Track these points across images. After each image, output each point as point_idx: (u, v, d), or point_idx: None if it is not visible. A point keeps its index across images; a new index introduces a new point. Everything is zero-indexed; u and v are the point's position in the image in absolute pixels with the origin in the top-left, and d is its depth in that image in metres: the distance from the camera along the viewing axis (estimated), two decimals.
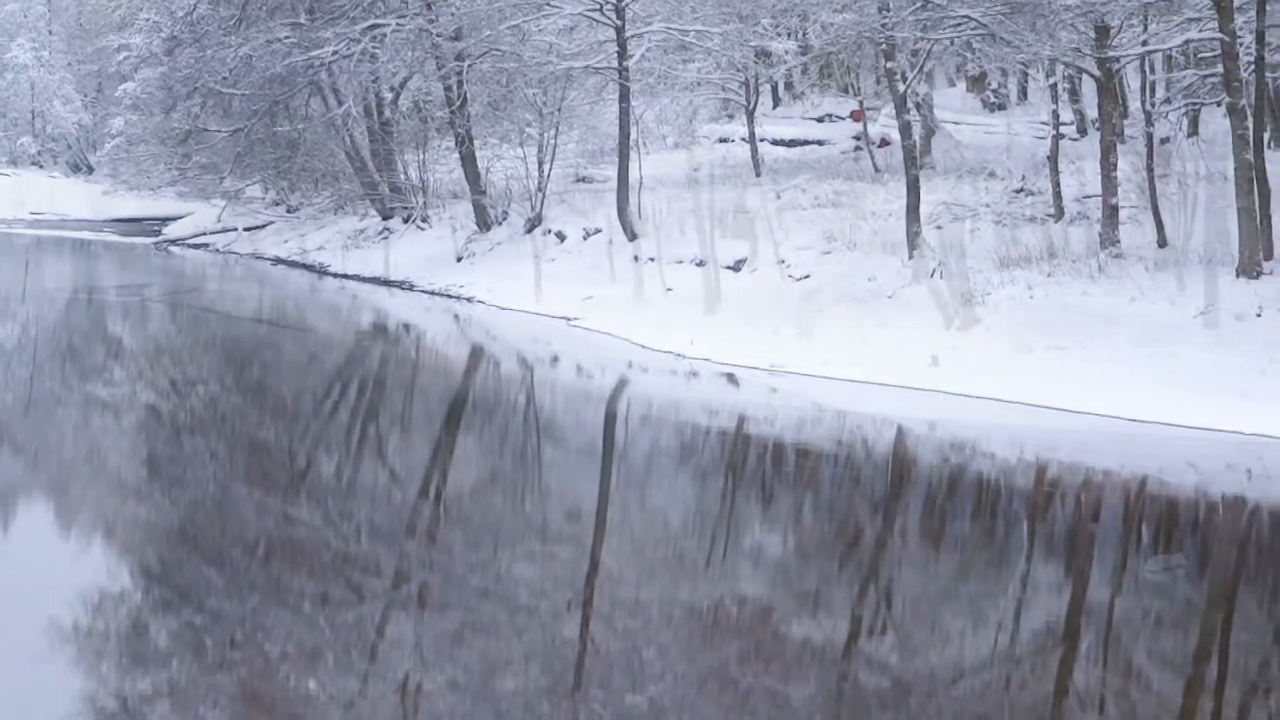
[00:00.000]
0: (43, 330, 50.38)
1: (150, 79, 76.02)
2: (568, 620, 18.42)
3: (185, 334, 51.04)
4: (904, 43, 45.06)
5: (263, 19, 60.00)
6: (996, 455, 29.17)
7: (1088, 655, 18.23)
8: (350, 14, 55.75)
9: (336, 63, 57.56)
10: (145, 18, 77.65)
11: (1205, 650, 18.40)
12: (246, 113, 64.42)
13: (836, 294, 41.44)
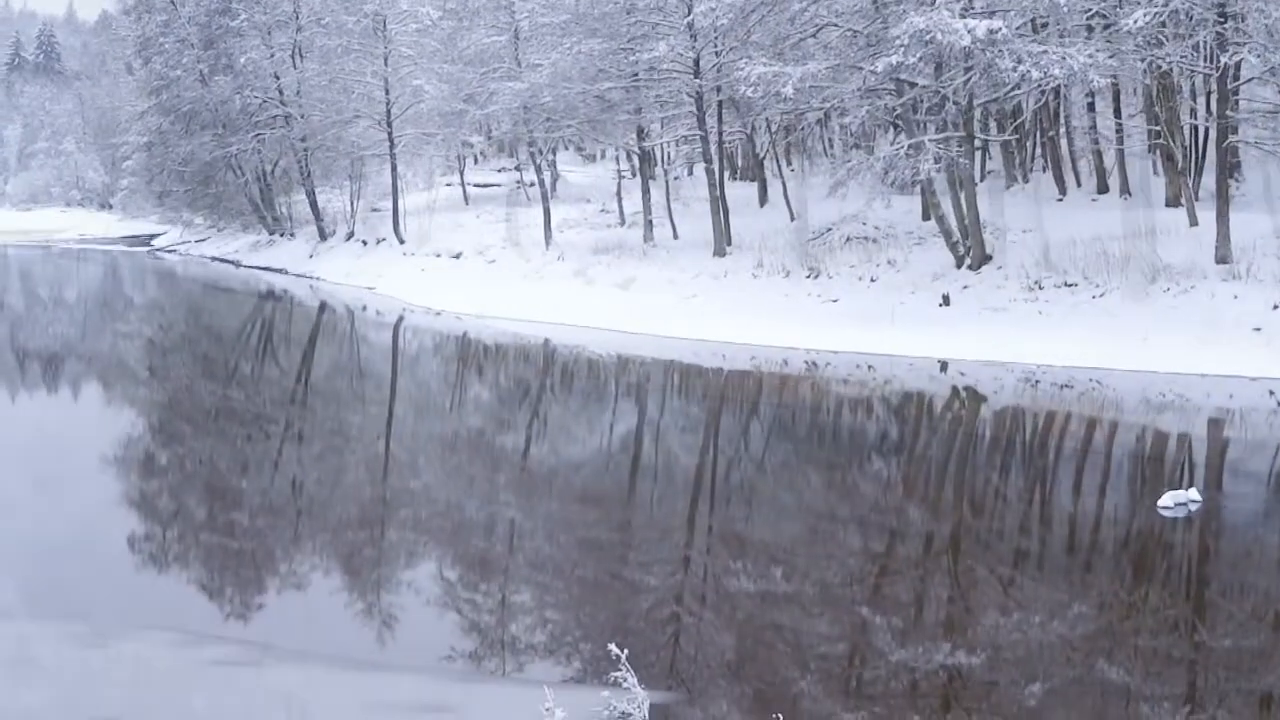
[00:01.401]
0: (103, 270, 71.13)
1: (140, 159, 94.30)
2: (375, 433, 30.67)
3: (164, 278, 71.41)
4: (543, 133, 61.82)
5: (198, 131, 78.01)
6: (583, 345, 42.79)
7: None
8: (245, 128, 74.20)
9: (239, 153, 76.39)
10: (136, 130, 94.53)
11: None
12: (194, 178, 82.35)
13: (510, 272, 57.27)
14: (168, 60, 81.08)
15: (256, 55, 74.14)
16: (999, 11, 38.49)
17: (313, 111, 72.94)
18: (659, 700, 12.81)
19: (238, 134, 76.12)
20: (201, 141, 78.88)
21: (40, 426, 32.50)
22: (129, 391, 38.64)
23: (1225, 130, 38.85)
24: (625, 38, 52.17)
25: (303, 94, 73.29)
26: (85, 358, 45.64)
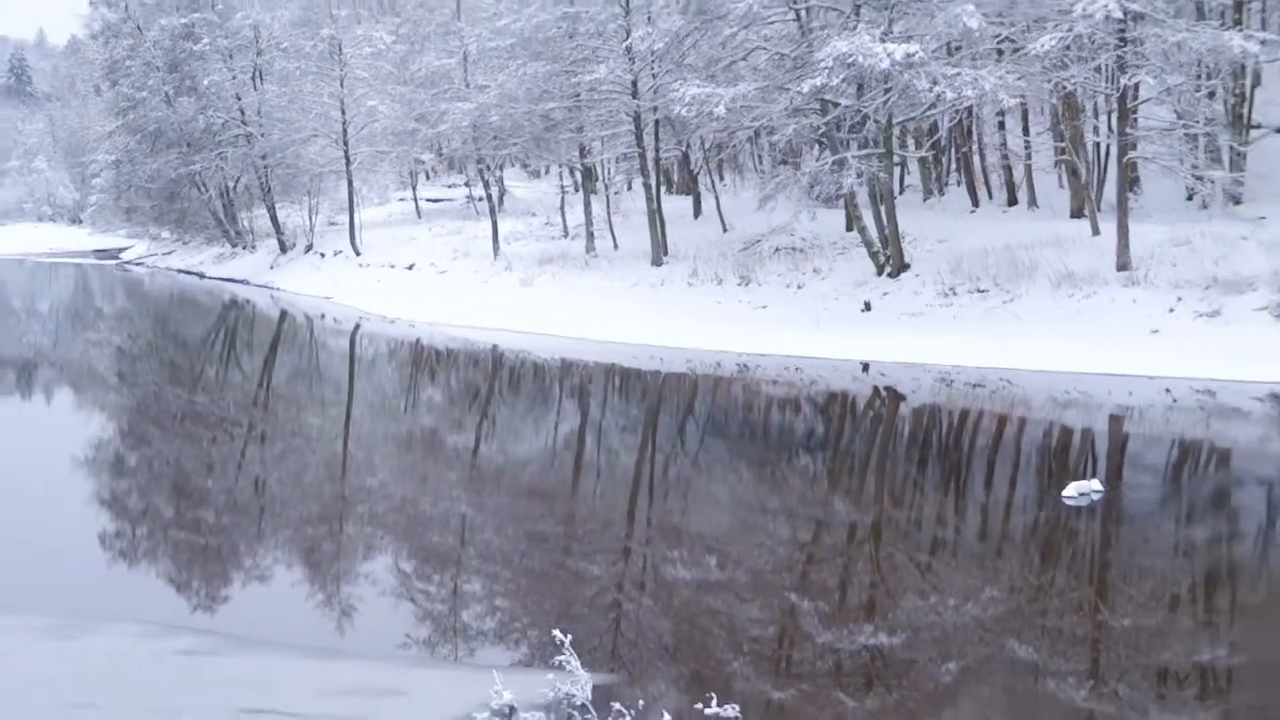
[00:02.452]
0: (74, 282, 69.52)
1: (109, 176, 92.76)
2: (333, 435, 30.57)
3: (131, 289, 70.23)
4: (491, 151, 61.27)
5: (164, 150, 77.14)
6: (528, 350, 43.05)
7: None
8: (208, 146, 73.64)
9: (203, 170, 75.57)
10: (105, 149, 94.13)
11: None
12: (160, 195, 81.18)
13: (460, 282, 57.12)
14: (134, 82, 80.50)
15: (219, 78, 73.80)
16: (915, 36, 38.62)
17: (272, 130, 72.73)
18: (601, 682, 12.89)
19: (201, 152, 75.71)
20: (167, 159, 78.42)
21: (12, 428, 32.46)
22: (98, 395, 38.44)
23: (1125, 147, 39.23)
24: (567, 61, 52.25)
25: (263, 114, 72.93)
26: (56, 364, 45.49)
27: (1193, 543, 19.71)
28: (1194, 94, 41.06)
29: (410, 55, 69.97)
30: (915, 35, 38.50)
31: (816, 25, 41.35)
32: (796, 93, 40.18)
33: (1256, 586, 17.54)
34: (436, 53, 66.03)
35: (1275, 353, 30.57)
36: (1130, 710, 12.95)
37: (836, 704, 13.20)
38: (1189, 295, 34.55)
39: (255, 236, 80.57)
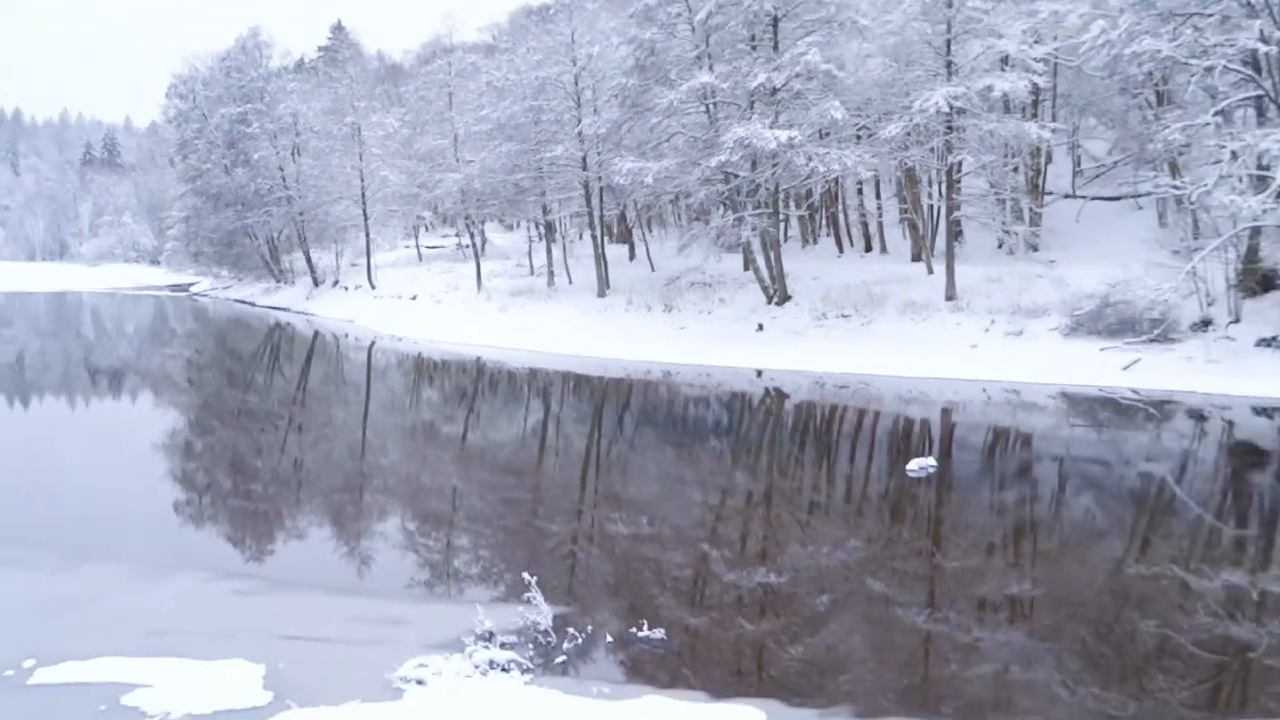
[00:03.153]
0: (154, 309, 66.10)
1: (180, 228, 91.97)
2: (355, 426, 30.68)
3: (198, 315, 68.16)
4: (475, 210, 61.13)
5: (223, 208, 76.55)
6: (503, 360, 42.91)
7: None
8: (257, 206, 72.95)
9: (253, 224, 75.26)
10: (177, 207, 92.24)
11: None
12: (220, 243, 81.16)
13: (451, 309, 55.97)
14: (200, 157, 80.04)
15: (266, 153, 73.05)
16: (795, 124, 38.94)
17: (307, 193, 72.13)
18: (559, 612, 12.95)
19: (252, 210, 75.12)
20: (225, 216, 77.98)
21: (108, 418, 31.77)
22: (173, 394, 37.85)
23: (951, 208, 39.88)
24: (533, 142, 52.26)
25: (300, 181, 72.25)
26: (142, 370, 44.74)
27: (1004, 503, 19.91)
28: (1002, 168, 41.85)
29: (413, 136, 69.34)
30: (795, 123, 38.75)
31: (721, 115, 41.38)
32: (706, 166, 40.22)
33: (1051, 536, 17.71)
34: (433, 135, 65.66)
35: (1063, 362, 31.22)
36: (957, 630, 13.01)
37: (738, 627, 13.22)
38: (1000, 319, 35.07)
39: (294, 274, 79.60)
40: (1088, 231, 43.37)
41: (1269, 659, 11.93)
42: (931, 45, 38.44)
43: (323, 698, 10.44)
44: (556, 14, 54.54)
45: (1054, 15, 39.63)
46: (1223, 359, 29.54)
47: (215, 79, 79.12)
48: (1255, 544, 16.83)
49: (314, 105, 72.79)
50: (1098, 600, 14.22)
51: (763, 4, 38.98)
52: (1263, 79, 30.05)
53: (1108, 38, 32.26)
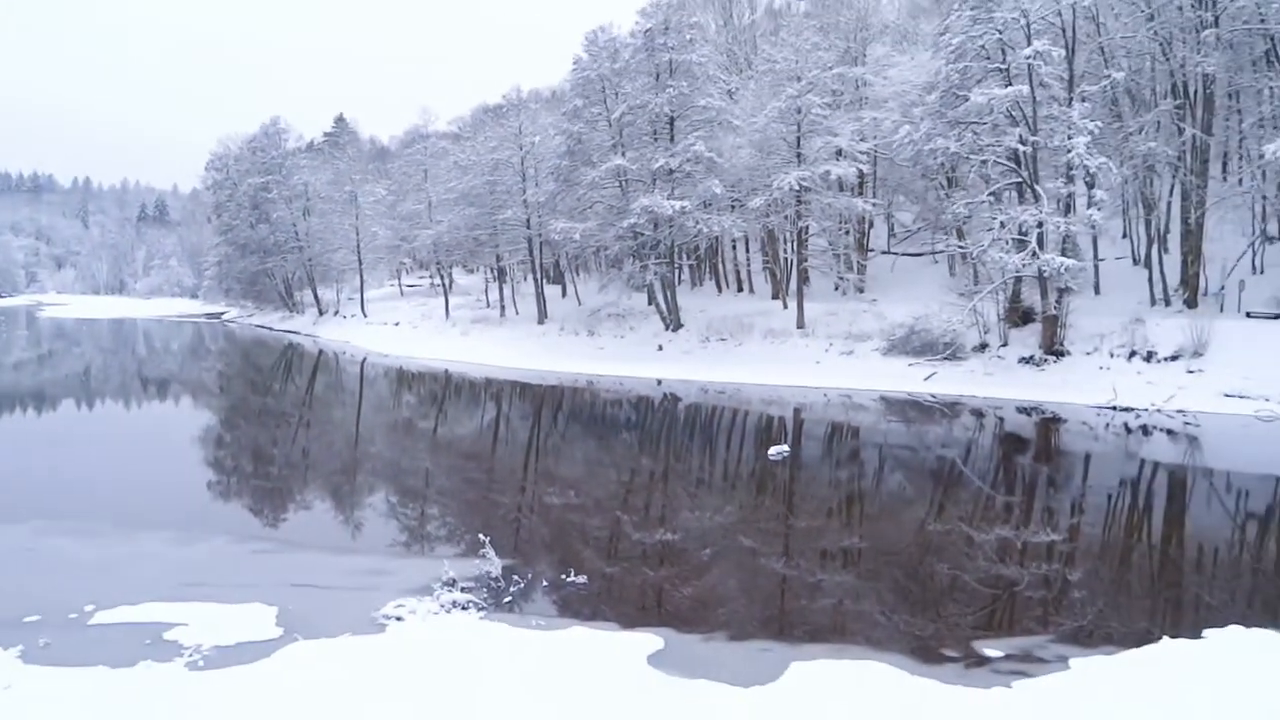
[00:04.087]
0: (193, 332, 60.28)
1: (214, 270, 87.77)
2: (350, 422, 30.26)
3: (228, 337, 64.45)
4: (444, 258, 61.12)
5: (248, 255, 74.18)
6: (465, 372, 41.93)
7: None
8: (275, 254, 70.64)
9: (272, 267, 72.54)
10: (212, 255, 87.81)
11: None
12: (245, 281, 78.72)
13: (423, 332, 54.02)
14: (231, 216, 77.54)
15: (283, 213, 71.40)
16: (686, 197, 39.15)
17: (314, 244, 70.57)
18: (507, 564, 12.79)
19: (271, 257, 73.19)
20: (250, 261, 76.03)
21: (154, 416, 30.67)
22: (205, 396, 36.62)
23: (801, 260, 40.38)
24: (489, 207, 51.54)
25: (308, 235, 70.63)
26: (182, 378, 42.86)
27: (839, 479, 19.99)
28: (838, 231, 42.46)
29: (397, 202, 67.22)
30: (686, 196, 38.93)
31: (631, 189, 41.31)
32: (620, 227, 40.32)
33: (874, 503, 17.92)
34: (413, 201, 63.91)
35: (882, 374, 31.67)
36: (805, 574, 13.12)
37: (642, 573, 13.19)
38: (836, 342, 35.53)
39: (303, 305, 77.30)
40: (899, 279, 44.08)
41: (1029, 591, 12.24)
42: (786, 140, 38.79)
43: (322, 631, 10.28)
44: (507, 111, 54.13)
45: (874, 120, 40.40)
46: (996, 372, 30.16)
47: (244, 156, 76.81)
48: (1019, 507, 17.18)
49: (321, 177, 71.34)
50: (907, 550, 14.34)
51: (662, 108, 39.30)
52: (1022, 170, 30.86)
53: (912, 138, 32.86)
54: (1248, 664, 9.04)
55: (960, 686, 8.78)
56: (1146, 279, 33.96)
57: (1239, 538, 14.91)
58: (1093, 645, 10.01)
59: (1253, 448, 21.53)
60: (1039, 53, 28.73)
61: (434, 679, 8.84)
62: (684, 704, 8.32)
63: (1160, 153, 32.65)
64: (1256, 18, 31.01)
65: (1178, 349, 27.72)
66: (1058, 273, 28.61)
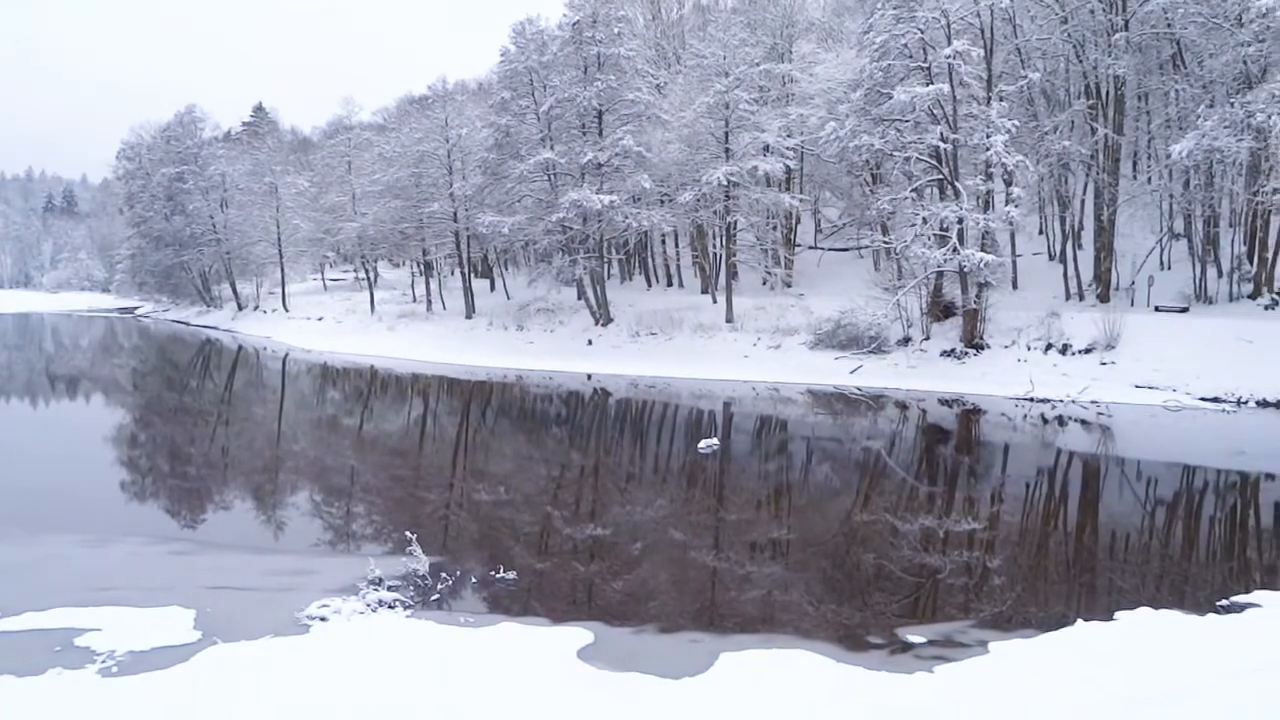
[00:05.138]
0: (105, 327, 57.59)
1: (127, 263, 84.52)
2: (272, 419, 29.56)
3: (142, 332, 61.76)
4: (369, 251, 59.85)
5: (163, 248, 71.43)
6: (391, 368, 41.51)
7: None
8: (191, 246, 68.28)
9: (188, 261, 70.20)
10: (125, 247, 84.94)
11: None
12: (160, 275, 75.75)
13: (348, 327, 53.55)
14: (144, 207, 74.70)
15: (199, 205, 68.87)
16: (615, 191, 39.14)
17: (232, 237, 68.23)
18: (435, 561, 12.65)
19: (187, 250, 70.76)
20: (165, 254, 73.35)
21: (63, 415, 29.47)
22: (119, 393, 35.17)
23: (730, 254, 40.65)
24: (415, 200, 50.97)
25: (226, 227, 68.24)
26: (93, 375, 41.16)
27: (768, 471, 20.21)
28: (765, 226, 42.88)
29: (319, 194, 66.10)
30: (615, 190, 38.92)
31: (560, 183, 41.13)
32: (549, 221, 40.13)
33: (802, 494, 18.15)
34: (336, 193, 62.82)
35: (809, 367, 32.12)
36: (735, 565, 13.23)
37: (573, 569, 13.17)
38: (764, 336, 35.92)
39: (222, 300, 75.17)
40: (826, 273, 44.76)
41: (951, 579, 12.55)
42: (714, 136, 39.04)
43: (243, 634, 10.01)
44: (433, 103, 53.38)
45: (800, 116, 40.95)
46: (919, 365, 30.83)
47: (157, 145, 74.14)
48: (942, 497, 17.54)
49: (239, 168, 69.06)
50: (834, 540, 14.57)
51: (590, 101, 39.24)
52: (943, 167, 31.60)
53: (837, 134, 33.32)
54: (1156, 643, 9.42)
55: (884, 672, 8.96)
56: (1062, 274, 35.04)
57: (1149, 524, 15.50)
58: (1011, 629, 10.30)
59: (1161, 437, 22.40)
60: (959, 52, 29.41)
61: (360, 679, 8.69)
62: (614, 697, 8.33)
63: (1074, 151, 33.73)
64: (1164, 22, 32.21)
65: (1091, 342, 28.63)
66: (977, 268, 29.33)
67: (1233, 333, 27.19)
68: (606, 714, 7.97)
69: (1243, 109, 27.23)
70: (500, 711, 8.09)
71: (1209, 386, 25.24)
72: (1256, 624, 9.96)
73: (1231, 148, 27.49)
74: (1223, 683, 7.60)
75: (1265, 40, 27.57)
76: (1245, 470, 19.28)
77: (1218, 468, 19.57)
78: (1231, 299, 31.06)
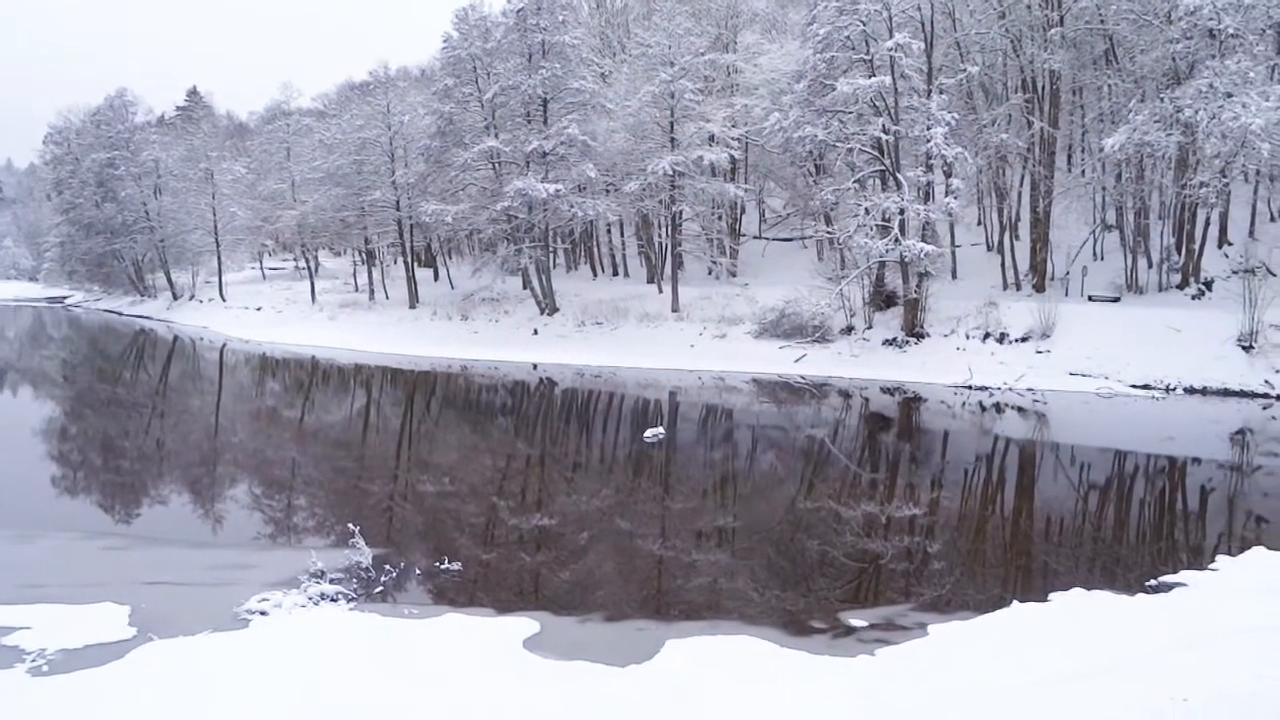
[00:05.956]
0: (33, 317, 59.74)
1: (56, 251, 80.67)
2: (209, 411, 29.75)
3: (72, 322, 58.13)
4: (309, 240, 59.26)
5: (94, 235, 68.94)
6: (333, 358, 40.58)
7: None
8: (124, 234, 65.96)
9: (121, 249, 67.70)
10: (53, 235, 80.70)
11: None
12: (91, 263, 73.23)
13: (288, 317, 52.13)
14: (74, 193, 72.32)
15: (131, 191, 66.38)
16: (561, 180, 38.92)
17: (167, 225, 65.95)
18: (379, 553, 12.52)
19: (120, 238, 68.32)
20: (96, 242, 70.78)
21: None
22: (50, 385, 34.19)
23: (675, 244, 40.71)
24: (357, 187, 50.00)
25: (161, 215, 65.94)
26: (20, 368, 39.83)
27: (713, 460, 20.29)
28: (711, 216, 43.00)
29: (257, 181, 64.25)
30: (561, 179, 38.65)
31: (505, 172, 40.70)
32: (494, 210, 39.68)
33: (747, 482, 18.40)
34: (274, 180, 61.12)
35: (754, 356, 32.34)
36: (681, 554, 13.31)
37: (519, 559, 13.13)
38: (710, 326, 36.06)
39: (156, 289, 72.73)
40: (770, 263, 45.03)
41: (892, 564, 12.78)
42: (660, 125, 39.05)
43: (180, 630, 9.83)
44: (375, 89, 52.57)
45: (745, 107, 41.12)
46: (861, 354, 31.19)
47: (87, 129, 71.77)
48: (884, 484, 17.88)
49: (173, 154, 66.84)
50: (779, 528, 14.73)
51: (535, 90, 38.92)
52: (885, 158, 32.00)
53: (781, 125, 33.54)
54: (1088, 622, 9.70)
55: (827, 656, 9.12)
56: (999, 265, 35.76)
57: (1082, 507, 15.93)
58: (950, 611, 10.56)
59: (1094, 423, 22.95)
60: (900, 45, 29.79)
61: (301, 673, 8.59)
62: (559, 685, 8.35)
63: (1011, 144, 34.39)
64: (1097, 19, 32.97)
65: (1027, 331, 29.29)
66: (918, 258, 29.79)
67: (1162, 322, 27.97)
68: (552, 703, 7.97)
69: (1172, 104, 27.96)
70: (445, 703, 8.04)
71: (1139, 374, 25.99)
72: (1183, 602, 10.29)
73: (1161, 142, 28.21)
74: (1150, 659, 7.84)
75: (1193, 38, 28.32)
76: (1173, 455, 19.89)
77: (1148, 453, 20.15)
78: (1161, 289, 31.92)
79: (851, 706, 7.76)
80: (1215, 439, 21.05)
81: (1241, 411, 23.03)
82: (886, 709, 7.62)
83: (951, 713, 7.21)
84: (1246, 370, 25.12)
